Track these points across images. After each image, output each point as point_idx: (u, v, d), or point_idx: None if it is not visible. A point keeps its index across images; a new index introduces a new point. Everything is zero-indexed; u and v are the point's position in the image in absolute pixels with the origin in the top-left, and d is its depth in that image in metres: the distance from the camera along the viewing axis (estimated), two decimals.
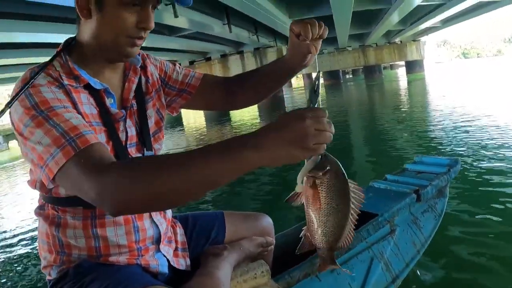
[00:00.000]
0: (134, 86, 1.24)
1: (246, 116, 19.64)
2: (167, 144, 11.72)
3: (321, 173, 0.86)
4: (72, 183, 0.92)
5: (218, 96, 1.42)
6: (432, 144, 6.83)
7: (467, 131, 7.28)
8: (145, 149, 1.24)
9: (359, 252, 1.83)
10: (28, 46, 12.58)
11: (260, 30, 19.23)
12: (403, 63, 42.02)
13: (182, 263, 1.34)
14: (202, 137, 13.18)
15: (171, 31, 14.55)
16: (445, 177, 2.31)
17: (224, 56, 25.58)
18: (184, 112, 27.54)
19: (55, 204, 1.16)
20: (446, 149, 6.21)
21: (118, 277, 1.09)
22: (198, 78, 1.41)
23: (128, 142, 1.20)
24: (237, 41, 20.61)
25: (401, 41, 36.38)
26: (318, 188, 0.88)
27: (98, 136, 0.99)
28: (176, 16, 10.18)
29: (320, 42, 1.17)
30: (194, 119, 23.64)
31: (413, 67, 38.12)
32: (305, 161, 0.86)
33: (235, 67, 25.45)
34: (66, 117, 0.97)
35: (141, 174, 0.82)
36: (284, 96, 27.90)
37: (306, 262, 1.61)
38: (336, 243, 0.94)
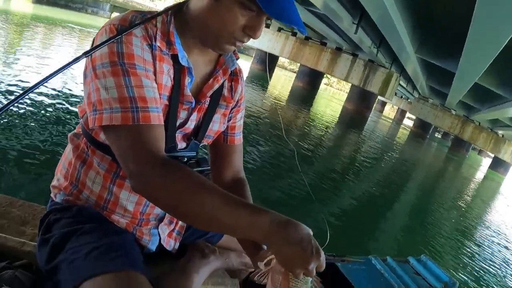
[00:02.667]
0: (217, 86, 1.20)
1: (327, 117, 19.49)
2: None
3: None
4: (117, 145, 0.97)
5: (216, 162, 1.35)
6: (456, 252, 6.64)
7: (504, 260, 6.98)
8: (192, 139, 1.22)
9: None
10: None
11: (382, 46, 18.75)
12: (492, 155, 40.01)
13: (171, 244, 1.33)
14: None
15: (303, 1, 14.26)
16: None
17: (338, 49, 24.95)
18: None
19: (89, 142, 1.15)
20: (468, 267, 6.01)
21: (111, 242, 1.06)
22: (239, 139, 1.36)
23: (180, 129, 1.16)
24: (357, 44, 20.21)
25: (502, 135, 34.54)
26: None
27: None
28: None
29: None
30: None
31: (498, 165, 36.07)
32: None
33: (341, 68, 24.69)
34: (143, 83, 0.97)
35: (180, 190, 0.91)
36: (369, 118, 27.28)
37: None
38: None
